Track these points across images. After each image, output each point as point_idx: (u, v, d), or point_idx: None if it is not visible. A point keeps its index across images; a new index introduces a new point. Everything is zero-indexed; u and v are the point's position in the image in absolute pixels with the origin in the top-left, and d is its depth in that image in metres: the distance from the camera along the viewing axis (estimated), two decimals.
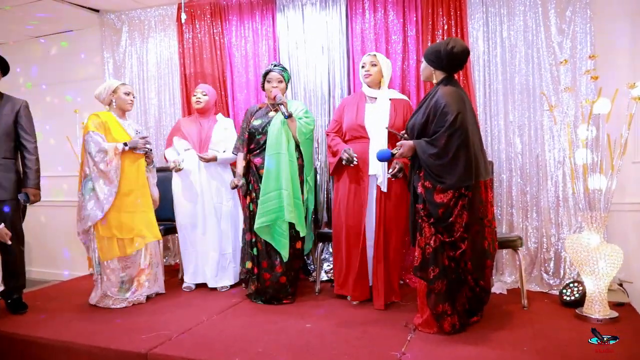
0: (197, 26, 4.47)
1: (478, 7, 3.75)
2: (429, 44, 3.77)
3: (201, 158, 3.77)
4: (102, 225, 3.48)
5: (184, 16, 3.98)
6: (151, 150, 3.70)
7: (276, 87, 3.57)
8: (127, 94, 3.65)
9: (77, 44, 5.09)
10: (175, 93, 4.65)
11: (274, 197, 3.41)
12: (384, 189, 3.31)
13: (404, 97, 3.57)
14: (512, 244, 3.30)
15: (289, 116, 3.44)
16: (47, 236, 5.39)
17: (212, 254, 3.90)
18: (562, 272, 3.60)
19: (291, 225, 3.47)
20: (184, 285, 3.97)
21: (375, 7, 3.98)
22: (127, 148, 3.51)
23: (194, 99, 3.98)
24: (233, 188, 3.64)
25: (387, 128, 3.17)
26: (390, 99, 3.43)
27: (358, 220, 3.36)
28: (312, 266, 4.16)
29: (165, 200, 4.44)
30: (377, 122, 3.33)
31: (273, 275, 3.50)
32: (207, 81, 4.41)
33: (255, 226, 3.44)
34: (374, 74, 3.42)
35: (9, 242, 3.03)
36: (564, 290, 3.29)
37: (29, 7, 4.36)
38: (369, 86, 3.48)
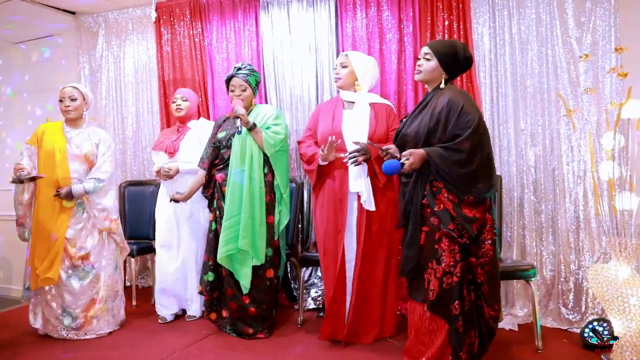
0: (176, 27, 4.11)
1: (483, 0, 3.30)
2: (428, 41, 3.32)
3: (162, 171, 3.36)
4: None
5: (153, 14, 3.63)
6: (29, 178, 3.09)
7: (239, 95, 3.17)
8: (61, 100, 3.23)
9: (57, 50, 4.79)
10: (153, 100, 4.30)
11: (234, 222, 3.01)
12: (371, 207, 2.85)
13: (386, 101, 3.14)
14: (523, 275, 2.80)
15: (250, 129, 3.05)
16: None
17: (181, 278, 3.47)
18: (583, 306, 3.07)
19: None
20: (160, 316, 3.51)
21: (368, 2, 3.56)
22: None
23: (173, 106, 3.59)
24: (171, 201, 3.26)
25: (369, 143, 2.69)
26: (370, 104, 2.99)
27: (336, 244, 2.91)
28: (297, 292, 3.70)
29: (140, 217, 4.09)
30: (356, 129, 2.89)
31: (239, 305, 3.07)
32: (186, 86, 4.03)
33: (218, 256, 3.03)
34: (344, 76, 3.03)
35: None
36: (587, 330, 2.77)
37: (1, 8, 4.07)
38: (342, 89, 3.06)
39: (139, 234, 4.08)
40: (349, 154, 2.72)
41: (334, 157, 2.86)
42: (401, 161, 2.36)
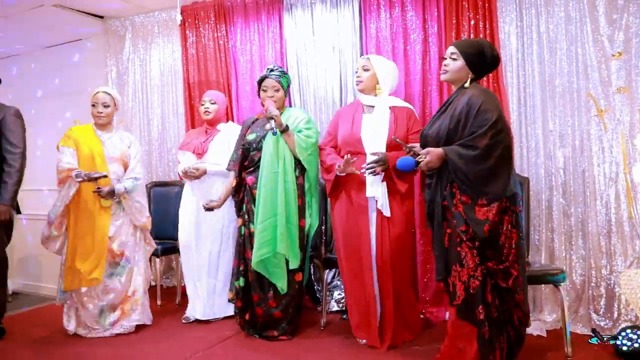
0: (201, 30, 4.15)
1: None
2: (454, 41, 3.27)
3: (188, 171, 3.37)
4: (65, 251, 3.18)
5: (179, 17, 3.66)
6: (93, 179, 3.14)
7: (272, 96, 3.15)
8: (94, 105, 3.30)
9: (86, 53, 4.89)
10: (178, 102, 4.34)
11: (269, 225, 2.98)
12: (387, 212, 2.83)
13: (407, 104, 3.08)
14: (552, 279, 2.72)
15: (282, 131, 3.03)
16: None
17: (205, 280, 3.48)
18: (615, 312, 2.97)
19: None
20: (184, 316, 3.54)
21: (392, 2, 3.52)
22: (73, 175, 3.14)
23: (202, 108, 3.61)
24: (206, 209, 3.23)
25: (394, 139, 2.65)
26: (390, 107, 2.95)
27: (357, 249, 2.89)
28: (320, 294, 3.68)
29: (165, 217, 4.13)
30: (375, 134, 2.87)
31: (265, 310, 3.06)
32: (211, 88, 4.06)
33: (253, 261, 2.99)
34: (366, 79, 2.98)
35: None
36: (620, 337, 2.67)
37: (32, 14, 4.17)
38: (363, 93, 3.03)
39: (164, 234, 4.11)
40: (367, 164, 2.71)
41: (351, 171, 2.84)
42: (416, 159, 2.33)
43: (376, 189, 2.82)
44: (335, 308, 3.64)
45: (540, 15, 3.17)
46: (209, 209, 3.22)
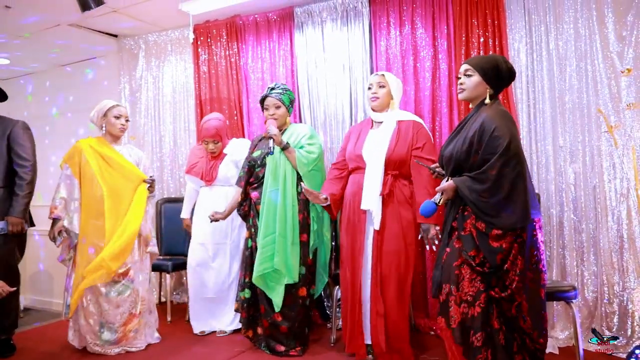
0: (213, 48, 4.22)
1: (519, 15, 3.27)
2: (463, 59, 3.31)
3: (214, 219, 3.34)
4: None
5: (191, 35, 3.73)
6: None
7: (273, 114, 3.19)
8: (118, 117, 3.31)
9: (100, 71, 4.99)
10: (190, 119, 4.40)
11: (270, 241, 3.04)
12: (376, 226, 2.82)
13: (416, 118, 3.05)
14: (564, 296, 2.70)
15: (283, 149, 3.10)
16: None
17: (212, 295, 3.51)
18: (629, 330, 2.93)
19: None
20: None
21: (402, 20, 3.57)
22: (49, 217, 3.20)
23: (206, 147, 3.64)
24: (212, 221, 3.27)
25: (417, 162, 2.65)
26: (397, 121, 2.96)
27: (355, 265, 2.89)
28: (330, 310, 3.67)
29: (176, 233, 4.16)
30: (375, 150, 2.89)
31: (271, 322, 3.07)
32: (222, 105, 4.12)
33: (254, 276, 3.06)
34: (382, 96, 2.98)
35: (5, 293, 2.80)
36: (634, 356, 2.63)
37: (48, 33, 4.27)
38: (375, 110, 3.04)
39: (175, 250, 4.14)
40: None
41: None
42: (434, 200, 2.32)
43: (370, 202, 2.82)
44: None
45: (549, 32, 3.19)
46: (215, 219, 3.26)
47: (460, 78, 2.39)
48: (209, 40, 4.22)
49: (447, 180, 2.31)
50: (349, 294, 2.91)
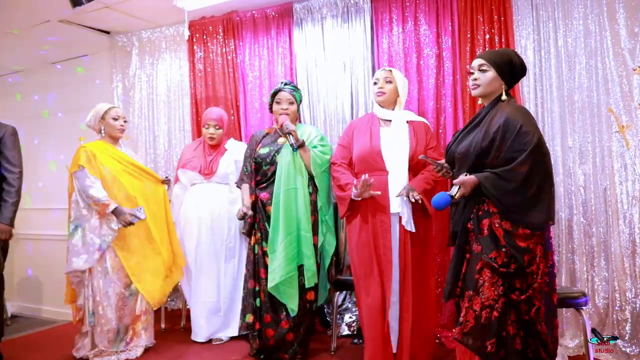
0: (209, 45, 4.08)
1: (527, 11, 3.16)
2: (468, 56, 3.21)
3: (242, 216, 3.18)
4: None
5: (186, 32, 3.61)
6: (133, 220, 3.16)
7: (286, 109, 3.09)
8: (116, 118, 3.30)
9: (92, 69, 4.83)
10: (185, 118, 4.26)
11: (293, 240, 2.90)
12: (411, 228, 2.71)
13: (422, 119, 3.00)
14: (574, 303, 2.60)
15: (298, 147, 2.96)
16: (59, 273, 5.04)
17: (208, 300, 3.39)
18: None
19: (300, 272, 2.93)
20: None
21: (405, 17, 3.46)
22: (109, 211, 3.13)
23: (206, 132, 3.55)
24: (240, 218, 3.12)
25: (423, 157, 2.49)
26: (407, 121, 2.87)
27: (377, 268, 2.75)
28: (330, 317, 3.55)
29: None
30: (396, 149, 2.77)
31: (278, 332, 2.95)
32: (218, 104, 3.99)
33: (279, 279, 2.88)
34: (389, 92, 2.89)
35: None
36: None
37: (38, 30, 4.13)
38: (381, 106, 2.93)
39: None
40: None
41: (368, 195, 2.72)
42: (450, 192, 2.21)
43: (400, 204, 2.70)
44: (346, 332, 3.52)
45: (558, 28, 3.09)
46: (242, 217, 3.11)
47: (473, 73, 2.29)
48: (204, 37, 4.09)
49: (466, 176, 2.20)
50: (378, 302, 2.73)
